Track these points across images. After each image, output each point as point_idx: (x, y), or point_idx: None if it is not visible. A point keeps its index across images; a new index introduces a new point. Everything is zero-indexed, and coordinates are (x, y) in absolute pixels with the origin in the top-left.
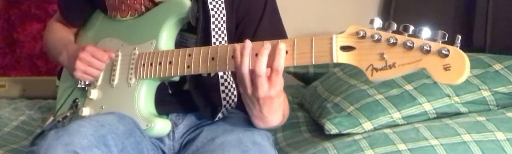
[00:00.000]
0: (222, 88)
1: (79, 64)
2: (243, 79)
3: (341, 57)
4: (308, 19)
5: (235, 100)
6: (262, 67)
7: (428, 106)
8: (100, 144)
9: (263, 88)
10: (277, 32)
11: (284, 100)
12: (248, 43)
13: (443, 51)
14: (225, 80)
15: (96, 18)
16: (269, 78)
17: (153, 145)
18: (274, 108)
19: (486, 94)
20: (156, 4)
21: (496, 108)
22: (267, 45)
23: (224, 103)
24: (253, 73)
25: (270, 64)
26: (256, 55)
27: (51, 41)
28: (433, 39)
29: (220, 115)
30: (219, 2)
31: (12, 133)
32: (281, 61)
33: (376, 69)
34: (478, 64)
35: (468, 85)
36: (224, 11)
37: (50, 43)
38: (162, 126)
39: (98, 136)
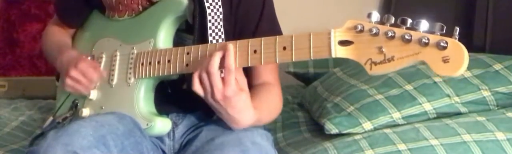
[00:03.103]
0: None
1: (68, 81)
2: (202, 81)
3: (339, 51)
4: (308, 18)
5: None
6: (214, 66)
7: (428, 106)
8: (100, 144)
9: (218, 87)
10: (275, 31)
11: (247, 97)
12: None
13: (442, 44)
14: None
15: (94, 19)
16: (223, 78)
17: (153, 145)
18: (239, 108)
19: (486, 94)
20: (153, 4)
21: (496, 108)
22: (218, 46)
23: None
24: (207, 74)
25: (222, 64)
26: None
27: (48, 46)
28: (431, 31)
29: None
30: (216, 0)
31: (12, 133)
32: (231, 60)
33: (375, 63)
34: (478, 64)
35: (468, 85)
36: (220, 9)
37: (47, 48)
38: (162, 125)
39: (98, 136)
